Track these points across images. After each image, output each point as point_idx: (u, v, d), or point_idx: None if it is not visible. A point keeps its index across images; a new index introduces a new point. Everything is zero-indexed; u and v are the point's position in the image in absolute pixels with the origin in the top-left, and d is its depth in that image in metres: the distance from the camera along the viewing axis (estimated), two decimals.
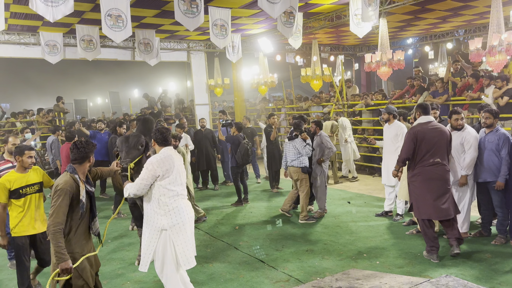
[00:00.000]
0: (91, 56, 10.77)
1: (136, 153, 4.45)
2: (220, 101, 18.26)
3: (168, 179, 3.67)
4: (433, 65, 16.56)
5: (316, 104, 12.29)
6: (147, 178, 3.65)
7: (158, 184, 3.66)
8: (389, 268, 4.68)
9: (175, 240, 3.66)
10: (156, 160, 3.67)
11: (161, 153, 3.76)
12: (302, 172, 6.75)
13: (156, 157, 3.71)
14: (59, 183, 3.23)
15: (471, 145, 5.26)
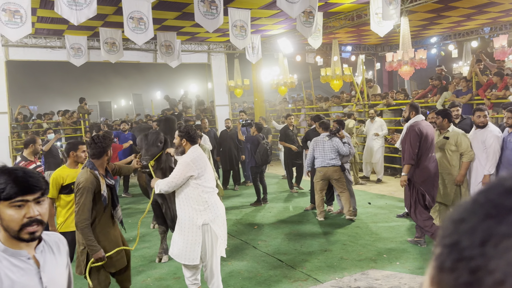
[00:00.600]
0: (114, 58, 11.00)
1: (156, 150, 4.52)
2: (240, 102, 18.35)
3: (204, 177, 3.77)
4: (457, 64, 16.21)
5: (336, 104, 12.20)
6: (180, 176, 3.71)
7: (195, 183, 3.74)
8: (409, 269, 4.62)
9: (217, 232, 3.83)
10: (190, 160, 3.72)
11: (192, 153, 3.81)
12: (341, 170, 6.73)
13: (189, 156, 3.76)
14: (80, 181, 3.34)
15: (492, 143, 5.15)
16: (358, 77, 15.31)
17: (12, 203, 1.45)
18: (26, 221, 1.47)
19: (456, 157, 5.38)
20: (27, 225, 1.48)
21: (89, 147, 3.53)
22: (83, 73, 19.86)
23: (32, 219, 1.48)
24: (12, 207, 1.46)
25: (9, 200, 1.45)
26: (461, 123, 6.18)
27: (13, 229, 1.47)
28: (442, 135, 5.48)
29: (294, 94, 18.16)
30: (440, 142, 5.47)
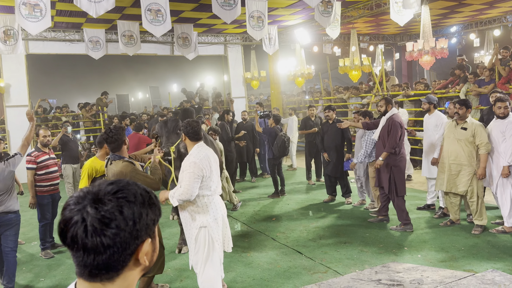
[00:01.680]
0: (132, 51, 11.07)
1: (176, 138, 4.57)
2: (256, 94, 18.30)
3: (209, 178, 3.58)
4: (478, 53, 15.80)
5: (355, 95, 12.06)
6: (193, 181, 3.46)
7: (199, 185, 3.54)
8: (431, 262, 4.55)
9: (214, 236, 3.59)
10: (199, 160, 3.51)
11: (198, 152, 3.60)
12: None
13: (196, 156, 3.55)
14: (124, 172, 3.53)
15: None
16: (377, 67, 15.09)
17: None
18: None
19: (473, 148, 5.28)
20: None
21: (107, 143, 3.63)
22: (101, 66, 20.07)
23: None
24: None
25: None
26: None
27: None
28: (460, 125, 5.37)
29: (310, 85, 17.99)
30: (457, 133, 5.35)
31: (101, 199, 0.94)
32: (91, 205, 0.94)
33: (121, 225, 0.93)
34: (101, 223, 0.92)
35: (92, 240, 0.91)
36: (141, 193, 1.00)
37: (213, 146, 5.63)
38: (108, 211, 0.93)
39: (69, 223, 0.93)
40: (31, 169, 5.29)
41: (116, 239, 0.93)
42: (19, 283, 4.67)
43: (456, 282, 3.67)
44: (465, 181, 5.32)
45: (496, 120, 5.30)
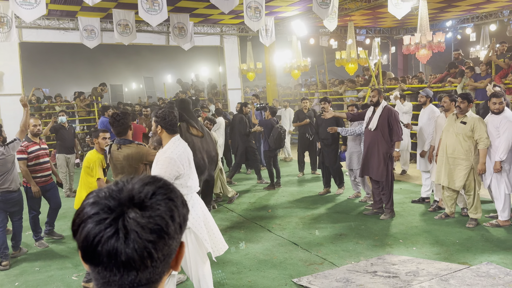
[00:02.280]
0: (127, 40, 10.96)
1: None
2: (252, 86, 18.23)
3: (187, 175, 3.36)
4: (474, 48, 15.85)
5: (351, 88, 12.05)
6: (168, 178, 3.10)
7: (176, 183, 3.26)
8: (426, 254, 4.58)
9: (199, 234, 3.35)
10: (177, 156, 3.25)
11: (176, 147, 3.34)
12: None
13: (174, 152, 3.28)
14: (141, 152, 3.68)
15: (506, 129, 5.05)
16: (373, 60, 15.08)
17: None
18: None
19: (471, 142, 5.30)
20: None
21: (113, 126, 3.70)
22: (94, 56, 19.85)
23: None
24: None
25: None
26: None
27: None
28: (459, 119, 5.38)
29: (306, 78, 17.95)
30: (457, 127, 5.37)
31: (144, 202, 0.78)
32: (133, 210, 0.76)
33: (171, 233, 0.79)
34: (152, 232, 0.76)
35: (140, 254, 0.75)
36: (179, 192, 0.85)
37: (209, 137, 5.62)
38: (159, 217, 0.77)
39: (102, 237, 0.74)
40: (22, 159, 5.18)
41: (165, 250, 0.78)
42: (13, 272, 4.65)
43: (451, 274, 3.70)
44: (462, 176, 5.35)
45: (491, 115, 5.32)
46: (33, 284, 4.31)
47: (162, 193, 0.80)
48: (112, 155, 3.85)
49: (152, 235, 0.76)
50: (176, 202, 0.81)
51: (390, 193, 5.92)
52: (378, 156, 5.84)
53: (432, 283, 3.53)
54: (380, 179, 5.88)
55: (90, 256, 0.76)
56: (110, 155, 3.86)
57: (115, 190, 0.79)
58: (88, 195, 0.81)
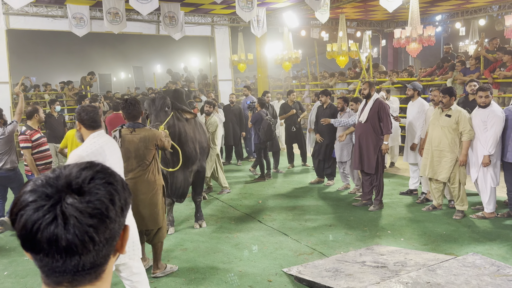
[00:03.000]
0: (117, 29, 10.82)
1: (164, 116, 4.60)
2: (243, 77, 18.17)
3: None
4: (463, 42, 16.00)
5: (341, 81, 12.09)
6: None
7: None
8: (414, 245, 4.66)
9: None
10: (87, 154, 3.00)
11: (91, 144, 3.11)
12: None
13: (85, 150, 3.07)
14: (157, 134, 3.95)
15: (494, 123, 5.12)
16: (364, 53, 15.14)
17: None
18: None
19: (456, 135, 5.39)
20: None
21: (127, 110, 3.91)
22: (83, 44, 19.59)
23: None
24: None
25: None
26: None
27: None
28: (444, 113, 5.46)
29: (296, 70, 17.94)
30: (442, 120, 5.45)
31: (82, 188, 0.78)
32: (71, 196, 0.76)
33: (112, 216, 0.79)
34: (91, 217, 0.76)
35: (81, 239, 0.75)
36: (118, 176, 0.84)
37: (201, 128, 5.61)
38: (98, 201, 0.77)
39: (41, 224, 0.74)
40: (27, 148, 5.20)
41: (106, 233, 0.78)
42: (3, 261, 4.62)
43: (438, 264, 3.78)
44: (447, 168, 5.44)
45: (478, 109, 5.39)
46: (22, 274, 4.29)
47: (101, 178, 0.80)
48: (124, 138, 3.87)
49: (92, 220, 0.76)
50: (116, 186, 0.82)
51: (380, 185, 6.00)
52: (368, 149, 5.90)
53: (420, 273, 3.60)
54: (371, 171, 5.94)
55: (30, 243, 0.76)
56: (121, 139, 3.87)
57: (52, 177, 0.79)
58: (25, 184, 0.81)
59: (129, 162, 3.82)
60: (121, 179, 0.84)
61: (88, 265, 0.79)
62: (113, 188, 0.80)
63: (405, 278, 3.50)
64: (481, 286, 3.35)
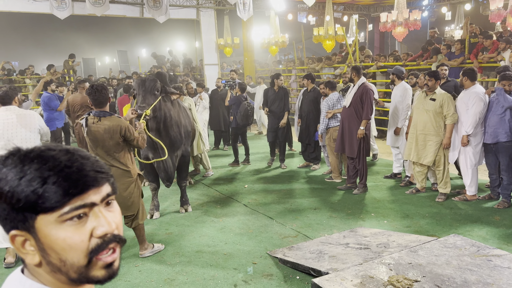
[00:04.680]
0: (99, 11, 10.58)
1: (152, 99, 4.49)
2: (229, 61, 18.01)
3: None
4: (449, 27, 16.06)
5: (328, 65, 12.07)
6: None
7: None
8: (397, 227, 4.73)
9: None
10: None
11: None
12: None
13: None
14: (122, 125, 3.73)
15: (474, 103, 5.15)
16: (350, 38, 15.09)
17: (65, 216, 0.76)
18: (97, 244, 0.79)
19: (440, 118, 5.44)
20: (99, 251, 0.79)
21: (93, 97, 3.68)
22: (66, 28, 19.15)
23: (108, 238, 0.80)
24: (65, 224, 0.77)
25: (56, 211, 0.76)
26: (445, 84, 6.21)
27: (77, 265, 0.78)
28: (429, 96, 5.50)
29: (283, 55, 17.82)
30: (426, 103, 5.50)
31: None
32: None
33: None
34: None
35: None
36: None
37: (185, 112, 5.55)
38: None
39: None
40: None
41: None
42: None
43: (420, 246, 3.84)
44: (432, 151, 5.50)
45: (463, 91, 5.44)
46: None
47: None
48: (90, 128, 3.74)
49: None
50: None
51: (363, 169, 6.04)
52: (351, 133, 5.94)
53: (402, 254, 3.66)
54: (353, 155, 5.99)
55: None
56: (87, 128, 3.76)
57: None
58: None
59: (97, 151, 3.76)
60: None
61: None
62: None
63: (388, 259, 3.55)
64: (461, 266, 3.42)
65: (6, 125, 3.99)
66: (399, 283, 3.16)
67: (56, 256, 0.77)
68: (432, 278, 3.24)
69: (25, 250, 0.77)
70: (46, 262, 0.78)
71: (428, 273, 3.32)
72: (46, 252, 0.77)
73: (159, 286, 3.61)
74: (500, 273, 3.26)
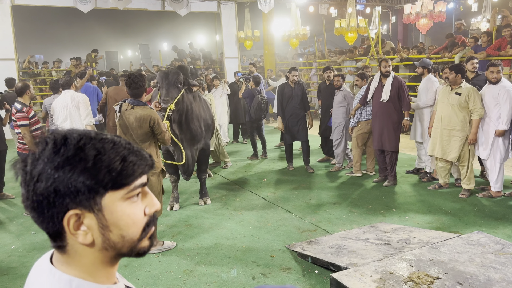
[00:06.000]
0: (121, 5, 10.69)
1: (176, 92, 4.50)
2: (249, 55, 17.95)
3: None
4: (475, 19, 15.60)
5: (350, 58, 11.90)
6: None
7: None
8: (418, 223, 4.65)
9: None
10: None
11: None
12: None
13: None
14: (153, 116, 3.84)
15: (507, 99, 5.01)
16: (373, 30, 14.83)
17: (131, 193, 0.82)
18: (149, 220, 0.86)
19: (466, 113, 5.30)
20: (150, 226, 0.87)
21: (129, 88, 3.79)
22: (89, 21, 19.42)
23: (153, 216, 0.88)
24: (128, 201, 0.82)
25: (125, 188, 0.81)
26: (475, 78, 6.01)
27: (133, 239, 0.84)
28: (454, 90, 5.36)
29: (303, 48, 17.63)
30: (451, 98, 5.35)
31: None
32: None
33: (22, 181, 0.79)
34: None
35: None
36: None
37: (206, 105, 5.56)
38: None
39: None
40: (25, 125, 5.04)
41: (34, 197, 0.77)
42: (9, 236, 4.69)
43: (442, 242, 3.76)
44: (457, 147, 5.37)
45: (488, 85, 5.28)
46: (29, 247, 4.36)
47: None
48: (123, 114, 3.84)
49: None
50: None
51: (395, 162, 6.10)
52: (390, 127, 5.92)
53: (423, 250, 3.59)
54: (393, 149, 6.02)
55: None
56: (120, 114, 3.84)
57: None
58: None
59: (126, 137, 3.82)
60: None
61: (43, 229, 0.80)
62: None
63: (408, 255, 3.49)
64: (484, 264, 3.34)
65: (66, 106, 5.30)
66: (420, 280, 3.11)
67: (118, 232, 0.81)
68: (454, 275, 3.17)
69: (78, 231, 0.79)
70: (102, 240, 0.80)
71: (450, 270, 3.24)
72: (109, 229, 0.80)
73: (178, 277, 3.65)
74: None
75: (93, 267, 0.83)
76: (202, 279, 3.59)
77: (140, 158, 0.83)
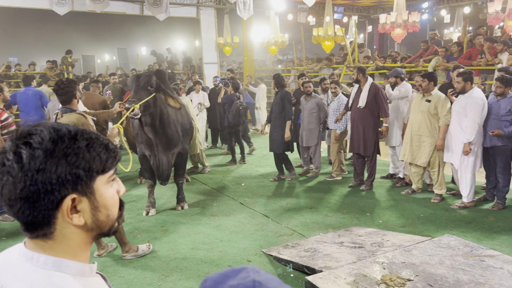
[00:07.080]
0: (99, 8, 10.58)
1: (144, 94, 4.46)
2: (229, 61, 18.00)
3: None
4: (448, 30, 16.11)
5: (327, 66, 12.08)
6: None
7: None
8: (391, 227, 4.75)
9: None
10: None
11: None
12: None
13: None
14: (77, 124, 3.41)
15: (472, 110, 5.02)
16: (350, 39, 15.11)
17: (112, 176, 0.94)
18: (120, 202, 0.99)
19: (435, 120, 5.46)
20: (122, 207, 0.99)
21: (58, 94, 3.60)
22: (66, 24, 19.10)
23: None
24: (109, 184, 0.93)
25: (108, 172, 0.91)
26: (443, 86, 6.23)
27: (114, 218, 0.95)
28: (425, 98, 5.52)
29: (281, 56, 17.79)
30: (422, 105, 5.51)
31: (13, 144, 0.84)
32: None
33: (13, 174, 0.81)
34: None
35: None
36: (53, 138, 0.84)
37: (184, 110, 5.56)
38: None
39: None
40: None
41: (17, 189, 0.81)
42: None
43: (414, 245, 3.86)
44: (427, 153, 5.51)
45: (459, 95, 5.40)
46: None
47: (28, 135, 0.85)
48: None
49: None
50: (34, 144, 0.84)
51: (374, 167, 6.23)
52: (367, 133, 6.06)
53: (396, 253, 3.68)
54: (369, 154, 6.14)
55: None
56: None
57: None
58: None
59: None
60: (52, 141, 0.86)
61: (24, 219, 0.85)
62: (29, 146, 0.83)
63: (381, 258, 3.57)
64: (454, 266, 3.44)
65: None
66: (392, 282, 3.18)
67: (106, 212, 0.92)
68: (425, 277, 3.26)
69: (75, 214, 0.87)
70: (92, 221, 0.90)
71: (421, 272, 3.33)
72: (99, 210, 0.90)
73: (153, 282, 3.63)
74: (492, 273, 3.29)
75: (78, 248, 0.91)
76: (177, 284, 3.57)
77: (114, 147, 0.94)
